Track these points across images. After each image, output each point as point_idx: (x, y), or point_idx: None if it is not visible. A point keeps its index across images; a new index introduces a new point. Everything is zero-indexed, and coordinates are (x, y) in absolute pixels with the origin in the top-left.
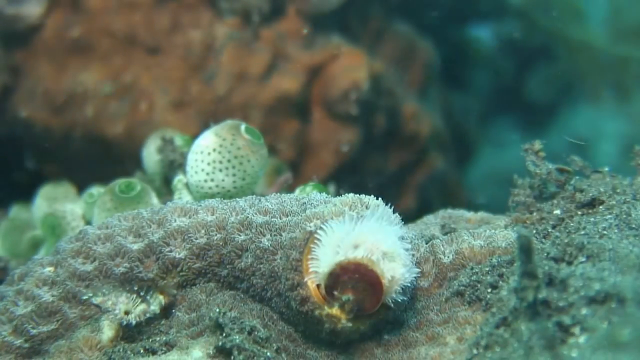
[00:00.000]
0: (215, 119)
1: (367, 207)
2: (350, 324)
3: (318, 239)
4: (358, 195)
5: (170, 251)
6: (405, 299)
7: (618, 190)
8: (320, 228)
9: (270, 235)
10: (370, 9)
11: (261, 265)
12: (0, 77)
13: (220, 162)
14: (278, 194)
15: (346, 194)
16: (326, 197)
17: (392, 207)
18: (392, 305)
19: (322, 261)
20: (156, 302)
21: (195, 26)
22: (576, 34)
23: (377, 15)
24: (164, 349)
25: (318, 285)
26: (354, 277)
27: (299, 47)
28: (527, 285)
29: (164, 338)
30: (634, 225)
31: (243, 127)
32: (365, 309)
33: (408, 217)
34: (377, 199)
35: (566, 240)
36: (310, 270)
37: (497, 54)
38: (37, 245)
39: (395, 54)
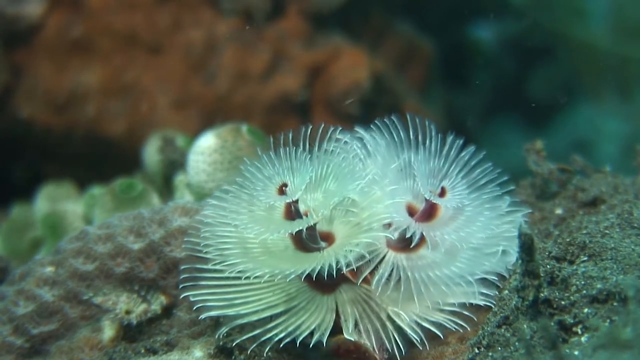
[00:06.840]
0: (217, 118)
1: None
2: None
3: None
4: None
5: (171, 251)
6: None
7: (620, 190)
8: None
9: None
10: (372, 8)
11: None
12: (1, 77)
13: (221, 163)
14: None
15: None
16: None
17: None
18: None
19: None
20: (157, 302)
21: (196, 26)
22: (578, 33)
23: (378, 15)
24: (165, 348)
25: None
26: (354, 358)
27: (300, 46)
28: (528, 284)
29: (165, 338)
30: (635, 225)
31: (245, 128)
32: None
33: None
34: None
35: (568, 240)
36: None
37: (499, 53)
38: (38, 245)
39: (397, 53)
